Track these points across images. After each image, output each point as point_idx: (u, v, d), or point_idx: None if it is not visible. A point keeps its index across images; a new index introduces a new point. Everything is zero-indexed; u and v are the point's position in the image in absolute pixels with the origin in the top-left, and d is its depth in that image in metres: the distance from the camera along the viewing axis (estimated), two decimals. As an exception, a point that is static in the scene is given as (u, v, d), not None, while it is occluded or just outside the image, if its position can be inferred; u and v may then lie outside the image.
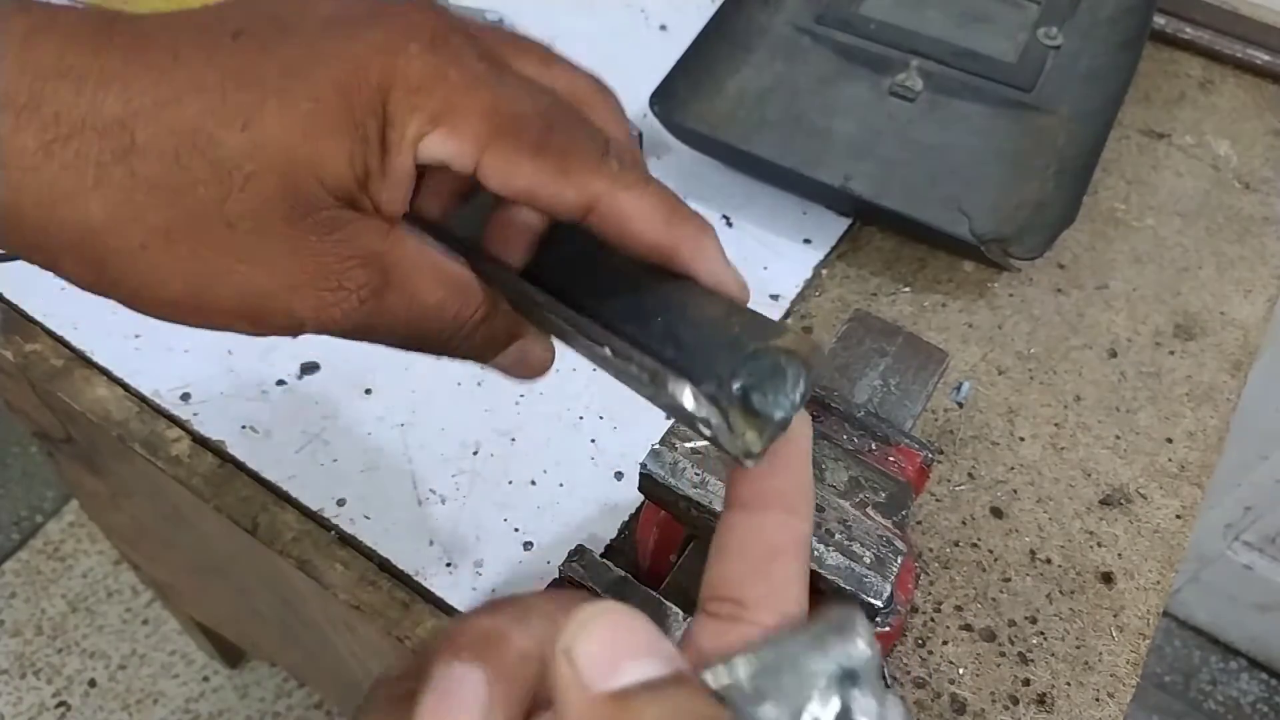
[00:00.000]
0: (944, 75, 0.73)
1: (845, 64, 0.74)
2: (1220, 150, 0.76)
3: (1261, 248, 0.70)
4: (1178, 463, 0.60)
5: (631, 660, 0.20)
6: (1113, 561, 0.56)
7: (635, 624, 0.20)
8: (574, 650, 0.20)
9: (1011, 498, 0.58)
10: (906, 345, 0.53)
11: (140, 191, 0.25)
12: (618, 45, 0.80)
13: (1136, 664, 0.53)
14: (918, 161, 0.69)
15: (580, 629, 0.20)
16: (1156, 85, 0.80)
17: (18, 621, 1.52)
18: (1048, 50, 0.74)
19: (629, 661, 0.20)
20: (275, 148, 0.25)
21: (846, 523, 0.41)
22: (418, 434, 0.59)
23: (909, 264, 0.68)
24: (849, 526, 0.41)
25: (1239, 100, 0.79)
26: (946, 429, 0.60)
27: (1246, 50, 0.80)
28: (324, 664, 0.86)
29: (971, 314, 0.66)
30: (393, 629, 0.52)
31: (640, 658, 0.20)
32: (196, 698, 1.47)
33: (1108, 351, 0.65)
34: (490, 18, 0.80)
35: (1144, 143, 0.76)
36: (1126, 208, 0.72)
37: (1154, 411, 0.62)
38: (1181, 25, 0.81)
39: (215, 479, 0.57)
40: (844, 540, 0.41)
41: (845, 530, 0.41)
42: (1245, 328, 0.66)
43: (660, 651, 0.20)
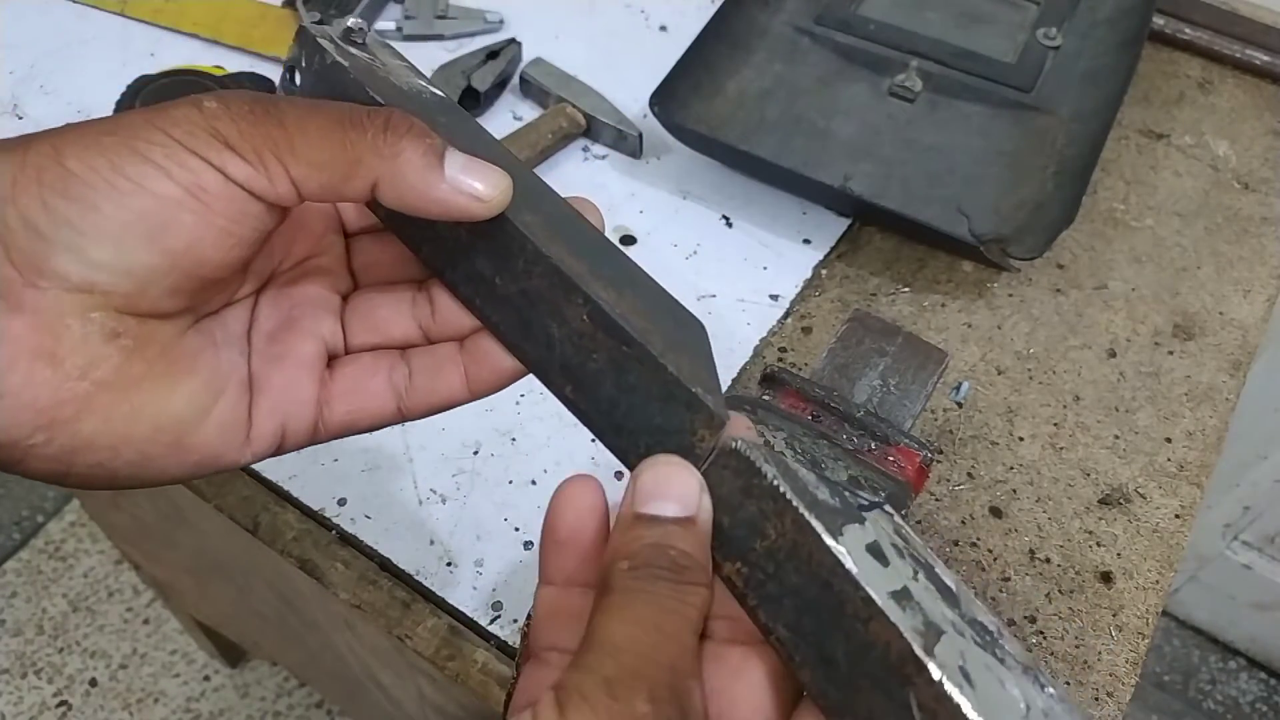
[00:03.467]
0: (943, 76, 0.73)
1: (845, 65, 0.74)
2: (1219, 150, 0.76)
3: (1260, 248, 0.70)
4: (1177, 462, 0.60)
5: (664, 498, 0.28)
6: (1112, 561, 0.56)
7: (680, 474, 0.29)
8: (638, 478, 0.29)
9: (1011, 497, 0.58)
10: (906, 345, 0.53)
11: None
12: (618, 46, 0.80)
13: (1135, 663, 0.53)
14: (917, 162, 0.69)
15: (649, 465, 0.29)
16: (1156, 86, 0.80)
17: (19, 621, 1.52)
18: (1047, 51, 0.74)
19: (661, 499, 0.29)
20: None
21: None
22: (418, 434, 0.59)
23: (908, 264, 0.68)
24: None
25: (1238, 100, 0.79)
26: (946, 429, 0.60)
27: (1245, 50, 0.80)
28: (324, 663, 0.86)
29: (971, 314, 0.66)
30: (393, 628, 0.52)
31: (670, 499, 0.28)
32: (197, 697, 1.47)
33: (1107, 351, 0.65)
34: (490, 19, 0.80)
35: (1143, 143, 0.76)
36: (1125, 208, 0.72)
37: (1153, 411, 0.62)
38: (1180, 26, 0.81)
39: (216, 478, 0.57)
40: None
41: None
42: (1244, 328, 0.66)
43: (687, 500, 0.28)
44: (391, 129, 0.30)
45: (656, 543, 0.28)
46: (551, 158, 0.73)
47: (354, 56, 0.35)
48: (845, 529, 0.27)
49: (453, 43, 0.79)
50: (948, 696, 0.24)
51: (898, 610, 0.25)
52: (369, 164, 0.30)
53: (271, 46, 0.76)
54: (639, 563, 0.27)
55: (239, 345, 0.34)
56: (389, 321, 0.36)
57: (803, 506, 0.27)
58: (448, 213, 0.31)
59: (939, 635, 0.25)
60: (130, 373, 0.29)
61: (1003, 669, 0.26)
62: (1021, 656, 0.27)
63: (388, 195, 0.31)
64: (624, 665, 0.25)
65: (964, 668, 0.25)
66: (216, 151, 0.29)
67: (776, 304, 0.66)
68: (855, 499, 0.29)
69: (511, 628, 0.52)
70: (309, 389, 0.34)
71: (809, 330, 0.64)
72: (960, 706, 0.24)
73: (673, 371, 0.30)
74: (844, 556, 0.26)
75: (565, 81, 0.75)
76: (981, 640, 0.26)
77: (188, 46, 0.77)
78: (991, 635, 0.27)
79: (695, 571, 0.28)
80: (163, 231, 0.28)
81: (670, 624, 0.27)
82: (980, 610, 0.27)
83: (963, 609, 0.27)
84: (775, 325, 0.65)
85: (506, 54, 0.75)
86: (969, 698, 0.24)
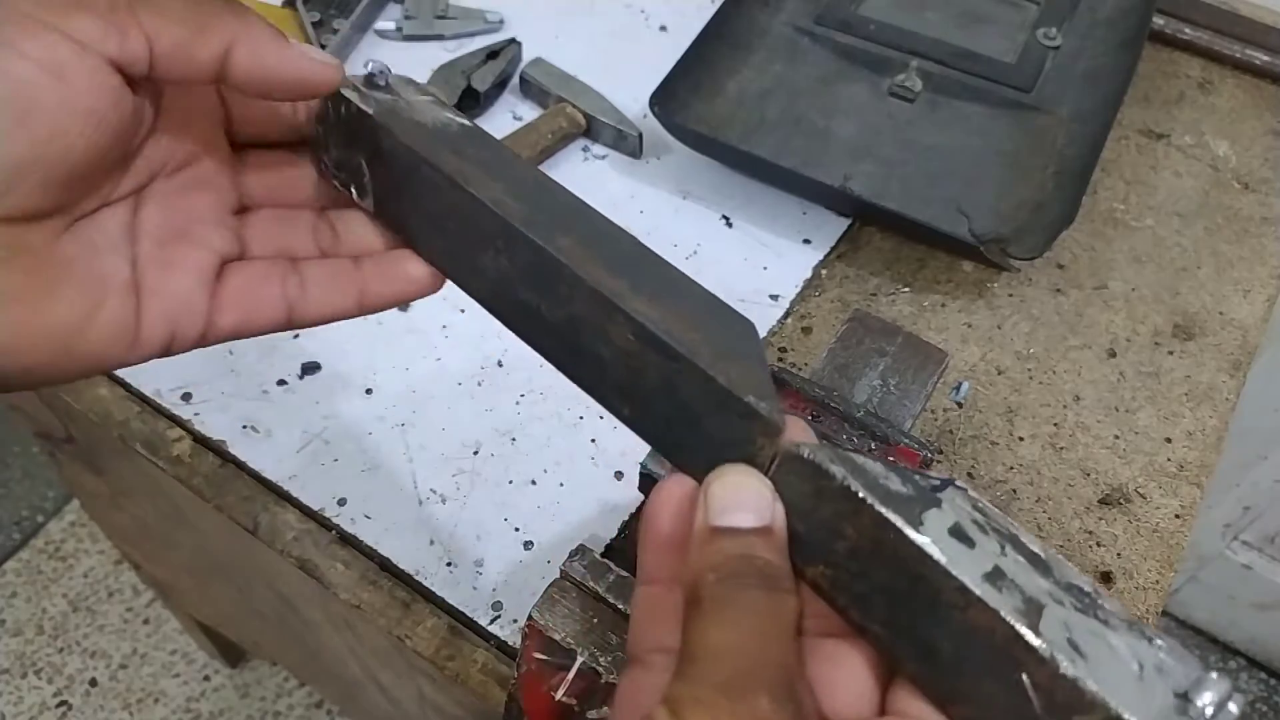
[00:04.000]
0: (943, 76, 0.73)
1: (845, 65, 0.74)
2: (1219, 150, 0.76)
3: (1260, 248, 0.70)
4: (1177, 462, 0.60)
5: (737, 509, 0.28)
6: (1112, 561, 0.56)
7: (752, 483, 0.29)
8: (708, 490, 0.29)
9: (1011, 497, 0.58)
10: (906, 345, 0.53)
11: None
12: (618, 46, 0.80)
13: (1135, 663, 0.53)
14: (917, 162, 0.69)
15: (717, 476, 0.29)
16: (1156, 86, 0.80)
17: (19, 621, 1.52)
18: (1047, 51, 0.74)
19: (735, 510, 0.28)
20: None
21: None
22: (418, 434, 0.59)
23: (908, 264, 0.68)
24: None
25: (1238, 100, 0.79)
26: (946, 429, 0.60)
27: (1245, 51, 0.80)
28: (324, 663, 0.86)
29: (971, 314, 0.66)
30: (393, 628, 0.52)
31: (745, 509, 0.28)
32: (197, 697, 1.47)
33: (1107, 351, 0.65)
34: (490, 19, 0.80)
35: (1143, 143, 0.76)
36: (1125, 208, 0.72)
37: (1153, 411, 0.62)
38: (1180, 26, 0.81)
39: (216, 479, 0.57)
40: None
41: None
42: (1244, 328, 0.66)
43: (761, 509, 0.28)
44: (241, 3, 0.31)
45: (741, 554, 0.28)
46: (552, 158, 0.73)
47: (378, 101, 0.35)
48: (925, 517, 0.26)
49: (453, 43, 0.79)
50: (1062, 673, 0.24)
51: (994, 593, 0.25)
52: (224, 21, 0.30)
53: (271, 46, 0.76)
54: (726, 574, 0.27)
55: (121, 249, 0.34)
56: (288, 239, 0.37)
57: (878, 502, 0.26)
58: (300, 78, 0.32)
59: (1040, 610, 0.25)
60: (7, 286, 0.29)
61: (1108, 631, 0.25)
62: (1123, 614, 0.26)
63: (241, 60, 0.31)
64: (737, 668, 0.25)
65: (1071, 639, 0.24)
66: (65, 15, 0.28)
67: (776, 304, 0.66)
68: (926, 480, 0.29)
69: (512, 628, 0.52)
70: (200, 297, 0.35)
71: (809, 330, 0.64)
72: (1077, 681, 0.23)
73: (723, 383, 0.29)
74: (929, 547, 0.26)
75: (565, 81, 0.75)
76: (1081, 605, 0.26)
77: (188, 46, 0.77)
78: (1090, 597, 0.26)
79: (782, 579, 0.28)
80: (25, 119, 0.28)
81: (770, 627, 0.27)
82: (1073, 573, 0.27)
83: (1056, 575, 0.27)
84: (775, 325, 0.65)
85: (506, 54, 0.75)
86: (1083, 670, 0.24)
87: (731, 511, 0.28)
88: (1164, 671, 0.25)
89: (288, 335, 0.62)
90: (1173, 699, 0.24)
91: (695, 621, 0.27)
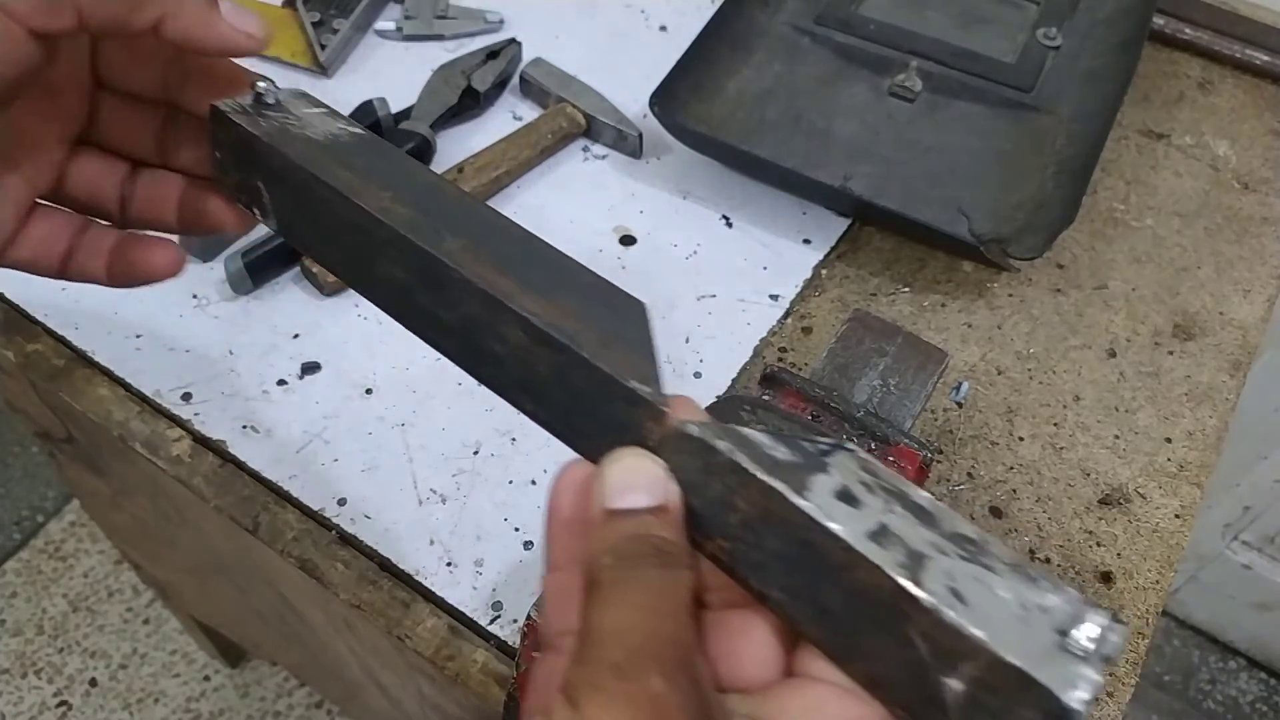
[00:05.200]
0: (943, 76, 0.73)
1: (845, 65, 0.74)
2: (1219, 150, 0.76)
3: (1260, 248, 0.70)
4: (1177, 462, 0.60)
5: (631, 490, 0.28)
6: (1112, 561, 0.56)
7: (645, 465, 0.29)
8: (602, 474, 0.29)
9: (1011, 497, 0.58)
10: (906, 345, 0.53)
11: None
12: (618, 46, 0.80)
13: (1135, 663, 0.53)
14: (917, 162, 0.69)
15: (610, 460, 0.29)
16: (1155, 86, 0.80)
17: (19, 621, 1.52)
18: (1047, 51, 0.74)
19: (628, 491, 0.28)
20: None
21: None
22: (418, 434, 0.59)
23: (908, 264, 0.68)
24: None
25: (1238, 100, 0.79)
26: (946, 429, 0.60)
27: (1245, 51, 0.80)
28: (324, 663, 0.86)
29: (971, 314, 0.66)
30: (393, 628, 0.52)
31: (638, 490, 0.28)
32: (197, 697, 1.47)
33: (1107, 351, 0.65)
34: (490, 19, 0.80)
35: (1143, 143, 0.76)
36: (1125, 208, 0.72)
37: (1153, 411, 0.62)
38: (1180, 26, 0.81)
39: (216, 479, 0.57)
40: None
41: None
42: (1244, 328, 0.66)
43: (654, 488, 0.29)
44: None
45: (636, 534, 0.28)
46: (552, 158, 0.73)
47: (267, 120, 0.36)
48: (810, 482, 0.27)
49: (453, 43, 0.79)
50: (944, 621, 0.25)
51: (878, 550, 0.26)
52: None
53: (272, 47, 0.76)
54: (622, 555, 0.28)
55: None
56: (99, 186, 0.39)
57: (762, 473, 0.27)
58: (224, 47, 0.33)
59: (923, 561, 0.26)
60: None
61: (993, 576, 0.26)
62: (1009, 558, 0.27)
63: (171, 28, 0.33)
64: (629, 648, 0.25)
65: (953, 587, 0.25)
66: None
67: (776, 304, 0.66)
68: (815, 446, 0.29)
69: (511, 628, 0.52)
70: (8, 227, 0.37)
71: (809, 330, 0.64)
72: (959, 628, 0.24)
73: (605, 370, 0.30)
74: (814, 511, 0.26)
75: (565, 81, 0.75)
76: (966, 553, 0.27)
77: (188, 46, 0.77)
78: (975, 544, 0.27)
79: (679, 556, 0.28)
80: None
81: (666, 604, 0.27)
82: (961, 522, 0.28)
83: (943, 527, 0.27)
84: (775, 325, 0.65)
85: (506, 54, 0.75)
86: (965, 616, 0.25)
87: (625, 493, 0.29)
88: (1047, 610, 0.25)
89: (288, 335, 0.62)
90: (1054, 636, 0.25)
91: (592, 604, 0.27)
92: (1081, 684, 0.23)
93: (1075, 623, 0.25)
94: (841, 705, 0.28)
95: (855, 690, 0.28)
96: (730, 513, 0.28)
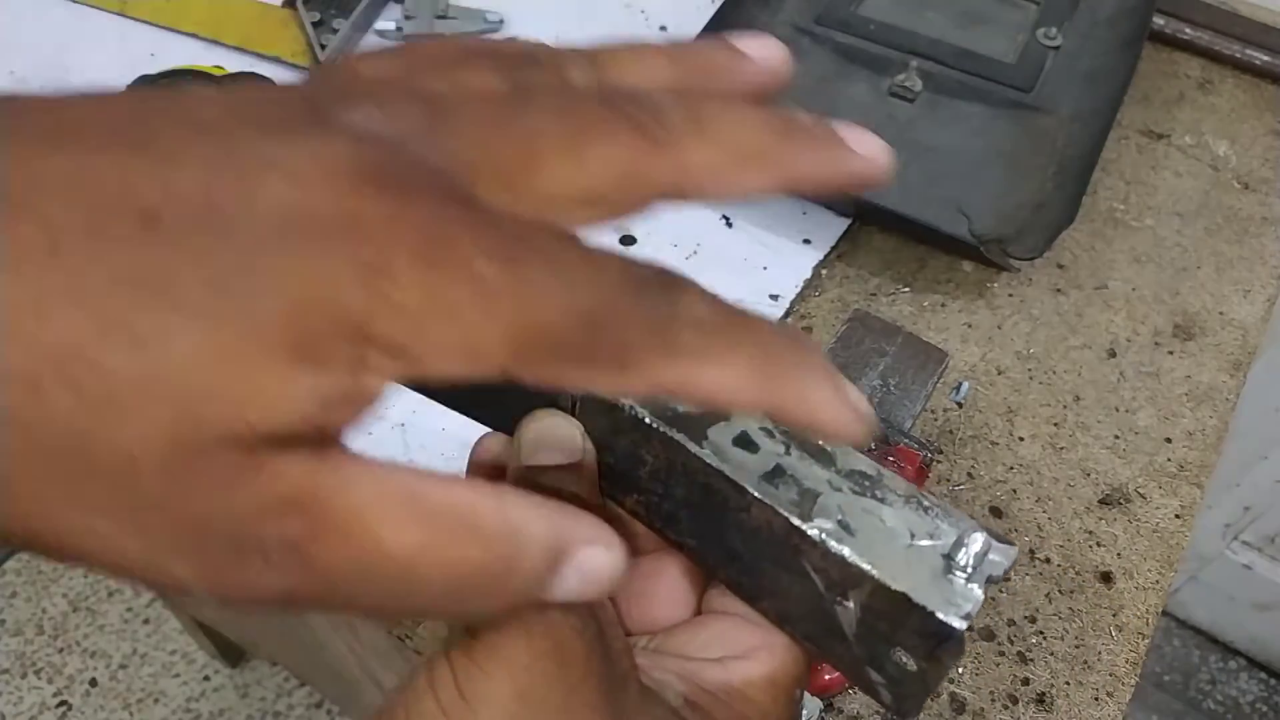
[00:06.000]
0: (943, 76, 0.73)
1: (844, 64, 0.74)
2: (1219, 150, 0.76)
3: (1260, 248, 0.70)
4: (1177, 462, 0.60)
5: (546, 448, 0.29)
6: (1112, 561, 0.56)
7: (559, 423, 0.30)
8: (520, 434, 0.30)
9: (1011, 497, 0.58)
10: (906, 345, 0.53)
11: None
12: (618, 45, 0.80)
13: (1136, 663, 0.53)
14: (917, 162, 0.69)
15: (527, 420, 0.30)
16: (1156, 85, 0.80)
17: (19, 621, 1.52)
18: (1047, 51, 0.74)
19: (544, 449, 0.29)
20: (178, 377, 0.18)
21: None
22: (418, 434, 0.59)
23: (908, 264, 0.68)
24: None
25: (1238, 100, 0.79)
26: (946, 429, 0.60)
27: (1245, 51, 0.80)
28: (324, 663, 0.86)
29: (971, 314, 0.66)
30: (393, 628, 0.52)
31: (552, 448, 0.30)
32: (197, 697, 1.47)
33: (1107, 351, 0.65)
34: (490, 18, 0.80)
35: (1143, 143, 0.76)
36: (1126, 208, 0.72)
37: (1153, 411, 0.62)
38: (1181, 26, 0.81)
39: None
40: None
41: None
42: (1244, 328, 0.66)
43: (569, 446, 0.30)
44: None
45: (552, 489, 0.29)
46: (551, 158, 0.73)
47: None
48: (709, 431, 0.29)
49: (453, 43, 0.79)
50: (832, 552, 0.26)
51: (771, 489, 0.27)
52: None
53: (272, 47, 0.76)
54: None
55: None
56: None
57: (662, 425, 0.28)
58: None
59: (815, 498, 0.27)
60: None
61: (883, 507, 0.28)
62: (902, 489, 0.28)
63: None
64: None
65: (843, 521, 0.27)
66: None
67: (776, 304, 0.66)
68: None
69: (511, 628, 0.52)
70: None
71: (809, 330, 0.64)
72: (843, 555, 0.26)
73: None
74: (709, 458, 0.28)
75: (565, 81, 0.75)
76: (859, 488, 0.28)
77: (188, 46, 0.77)
78: (871, 479, 0.29)
79: (590, 510, 0.28)
80: None
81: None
82: (858, 459, 0.29)
83: (839, 465, 0.29)
84: (775, 325, 0.65)
85: (506, 54, 0.75)
86: (850, 545, 0.26)
87: (541, 451, 0.29)
88: (935, 536, 0.27)
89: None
90: (940, 560, 0.26)
91: None
92: (961, 602, 0.25)
93: (959, 547, 0.26)
94: (742, 635, 0.29)
95: (759, 621, 0.29)
96: (640, 466, 0.30)
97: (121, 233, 0.18)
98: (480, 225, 0.20)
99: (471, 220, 0.20)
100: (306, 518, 0.20)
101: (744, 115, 0.24)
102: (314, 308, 0.18)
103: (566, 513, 0.23)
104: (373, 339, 0.19)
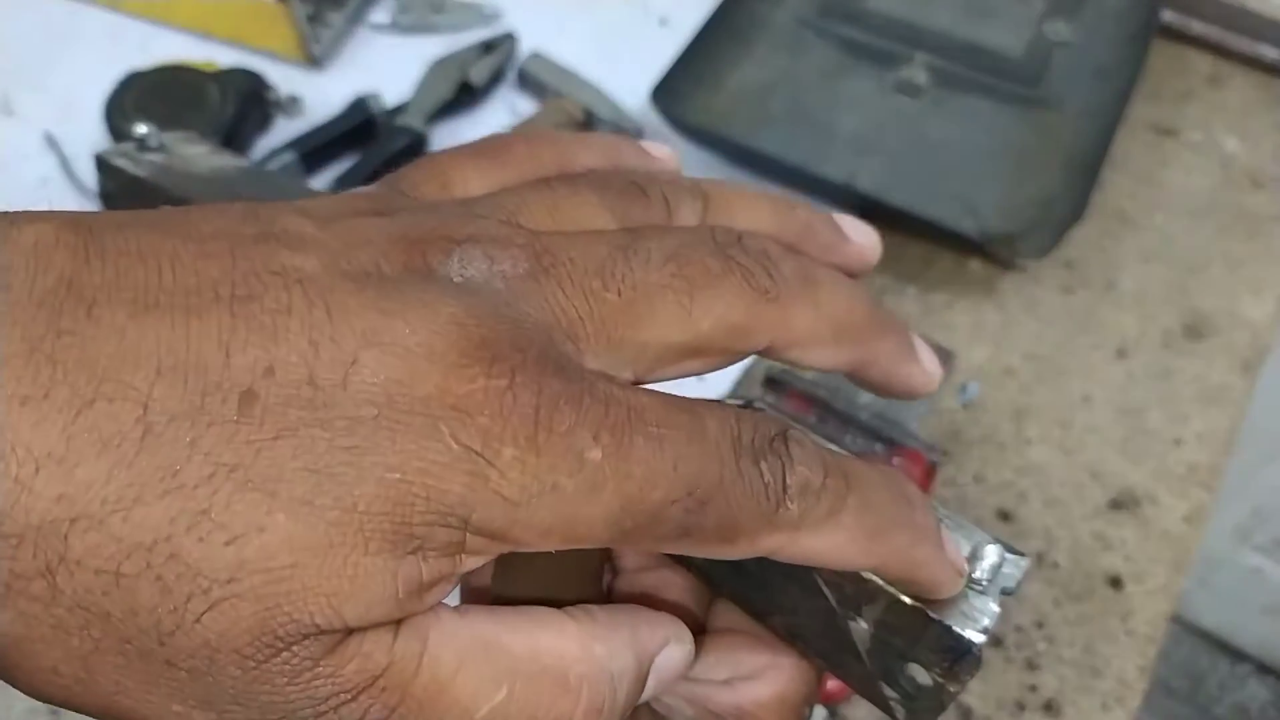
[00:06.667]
0: (949, 70, 0.72)
1: (849, 58, 0.73)
2: (1229, 147, 0.75)
3: (1270, 246, 0.69)
4: (1186, 465, 0.59)
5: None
6: (1121, 565, 0.55)
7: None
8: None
9: (1019, 501, 0.57)
10: (911, 344, 0.52)
11: (62, 608, 0.17)
12: (617, 39, 0.79)
13: (1145, 669, 0.52)
14: (923, 157, 0.68)
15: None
16: (1164, 81, 0.79)
17: (15, 623, 1.52)
18: (1054, 45, 0.73)
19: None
20: (268, 571, 0.17)
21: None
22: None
23: (914, 262, 0.67)
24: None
25: (1248, 96, 0.78)
26: (953, 430, 0.59)
27: (1255, 46, 0.79)
28: None
29: (978, 313, 0.65)
30: None
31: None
32: (195, 700, 1.47)
33: (1116, 352, 0.63)
34: (487, 12, 0.79)
35: (1152, 139, 0.75)
36: (1134, 205, 0.71)
37: (1163, 413, 0.61)
38: (1189, 21, 0.80)
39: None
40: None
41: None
42: (1255, 328, 0.65)
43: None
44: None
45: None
46: (550, 154, 0.71)
47: (150, 163, 0.37)
48: None
49: (449, 36, 0.78)
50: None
51: None
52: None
53: (264, 41, 0.75)
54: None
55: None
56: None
57: None
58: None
59: None
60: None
61: None
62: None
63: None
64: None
65: None
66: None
67: (778, 302, 0.65)
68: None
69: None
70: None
71: (812, 329, 0.63)
72: (859, 572, 0.25)
73: None
74: None
75: (564, 75, 0.74)
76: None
77: (179, 41, 0.76)
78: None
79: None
80: None
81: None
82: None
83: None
84: (777, 324, 0.64)
85: (503, 48, 0.74)
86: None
87: None
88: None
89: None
90: None
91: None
92: (979, 617, 0.24)
93: (974, 560, 0.25)
94: (750, 654, 0.28)
95: (766, 637, 0.28)
96: None
97: (220, 415, 0.17)
98: (587, 402, 0.19)
99: (577, 396, 0.19)
100: (389, 694, 0.19)
101: (850, 289, 0.24)
102: (414, 497, 0.18)
103: (643, 620, 0.22)
104: (472, 524, 0.19)
